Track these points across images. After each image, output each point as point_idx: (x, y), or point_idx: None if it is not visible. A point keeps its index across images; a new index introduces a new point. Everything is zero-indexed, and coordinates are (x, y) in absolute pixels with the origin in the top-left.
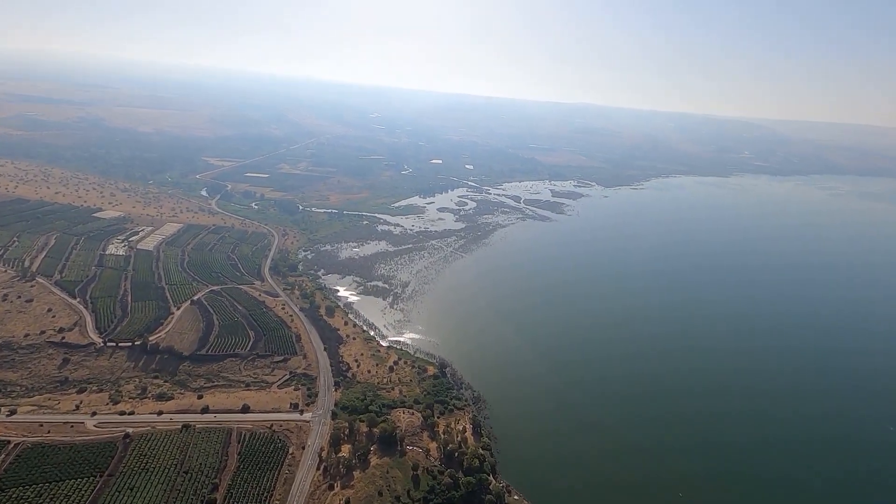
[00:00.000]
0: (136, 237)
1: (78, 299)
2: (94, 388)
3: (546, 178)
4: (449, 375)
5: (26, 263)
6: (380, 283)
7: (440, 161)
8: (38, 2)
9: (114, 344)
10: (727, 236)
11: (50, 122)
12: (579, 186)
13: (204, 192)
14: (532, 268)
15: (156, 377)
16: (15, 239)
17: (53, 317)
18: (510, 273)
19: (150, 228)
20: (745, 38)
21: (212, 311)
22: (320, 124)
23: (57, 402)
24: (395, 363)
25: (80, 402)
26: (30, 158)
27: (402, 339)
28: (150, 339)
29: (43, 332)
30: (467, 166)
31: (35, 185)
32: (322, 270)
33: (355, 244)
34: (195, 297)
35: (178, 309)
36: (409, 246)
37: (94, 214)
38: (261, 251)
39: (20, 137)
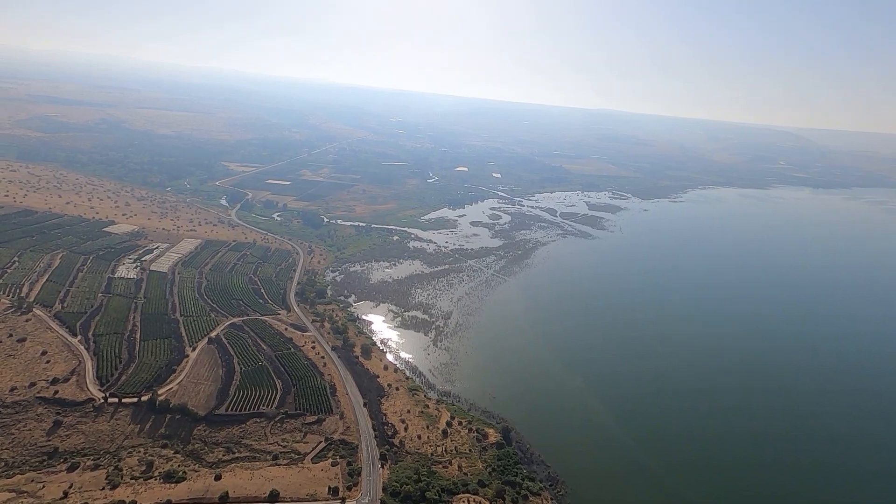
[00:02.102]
0: (149, 256)
1: (79, 337)
2: (90, 462)
3: (578, 188)
4: (514, 442)
5: (24, 290)
6: (419, 314)
7: (466, 168)
8: (61, 4)
9: (116, 400)
10: (781, 254)
11: (70, 124)
12: (615, 198)
13: (223, 201)
14: (585, 295)
15: (165, 446)
16: (16, 259)
17: (48, 362)
18: (562, 301)
19: (166, 245)
20: (767, 44)
21: (232, 353)
22: (340, 128)
23: (41, 484)
24: (449, 425)
25: (71, 486)
26: (46, 162)
27: (452, 390)
28: (160, 392)
29: (33, 385)
30: (494, 174)
31: (46, 194)
32: (353, 296)
33: (387, 264)
34: (213, 334)
35: (194, 350)
36: (446, 267)
37: (106, 229)
38: (285, 272)
39: (38, 140)
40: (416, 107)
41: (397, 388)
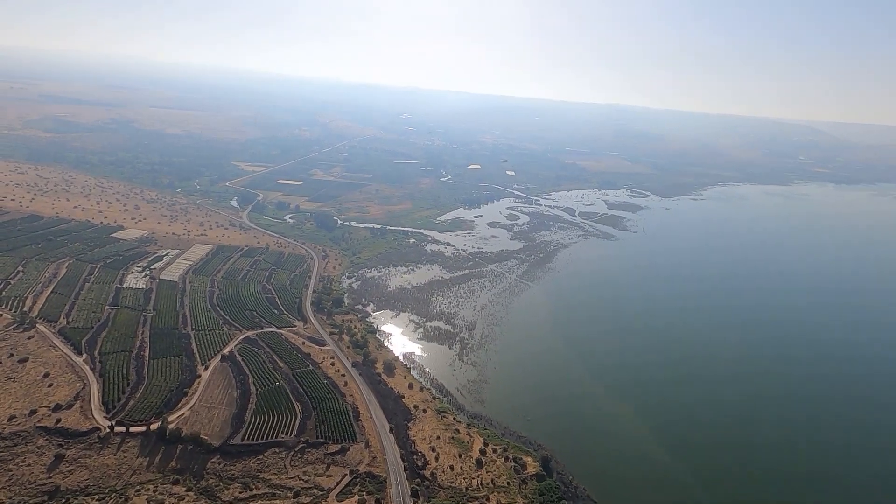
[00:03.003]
0: (159, 264)
1: (84, 356)
2: (94, 503)
3: (595, 186)
4: (555, 473)
5: (28, 304)
6: (441, 325)
7: (479, 166)
8: (73, 4)
9: (123, 429)
10: (819, 257)
11: (80, 124)
12: (634, 197)
13: (234, 203)
14: (615, 302)
15: (176, 482)
16: (20, 268)
17: (50, 385)
18: (591, 309)
19: (176, 252)
20: (778, 35)
21: (247, 372)
22: (350, 126)
23: None
24: (483, 452)
25: None
26: (56, 163)
27: (482, 412)
28: (170, 419)
29: (34, 413)
30: (508, 172)
31: (54, 197)
32: (371, 305)
33: (405, 269)
34: (226, 351)
35: (207, 369)
36: (466, 272)
37: (114, 234)
38: (300, 279)
39: (48, 141)
40: (425, 104)
41: (424, 411)
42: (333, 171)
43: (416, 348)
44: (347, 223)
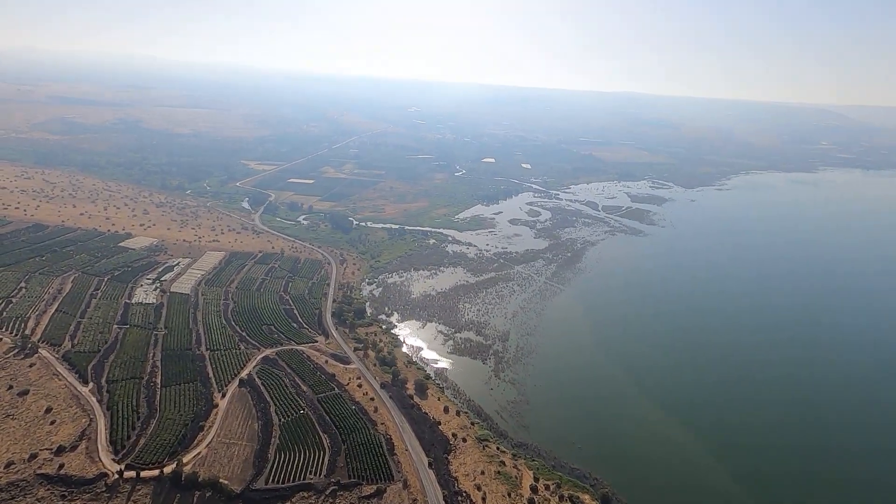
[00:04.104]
0: (170, 275)
1: (90, 385)
2: None
3: (614, 178)
4: None
5: (30, 325)
6: (472, 336)
7: (493, 160)
8: (78, 4)
9: (133, 473)
10: (869, 253)
11: (87, 125)
12: (657, 188)
13: (246, 204)
14: (653, 304)
15: None
16: (23, 284)
17: (52, 423)
18: (628, 314)
19: (188, 261)
20: (795, 14)
21: (268, 399)
22: (358, 121)
23: None
24: (534, 490)
25: None
26: (63, 166)
27: (528, 441)
28: (186, 460)
29: (34, 457)
30: (524, 165)
31: (60, 204)
32: (396, 315)
33: (427, 273)
34: (244, 374)
35: (224, 396)
36: (492, 274)
37: (122, 243)
38: (318, 287)
39: (55, 143)
40: (432, 96)
41: (464, 439)
42: (345, 169)
43: (447, 364)
44: (363, 224)
